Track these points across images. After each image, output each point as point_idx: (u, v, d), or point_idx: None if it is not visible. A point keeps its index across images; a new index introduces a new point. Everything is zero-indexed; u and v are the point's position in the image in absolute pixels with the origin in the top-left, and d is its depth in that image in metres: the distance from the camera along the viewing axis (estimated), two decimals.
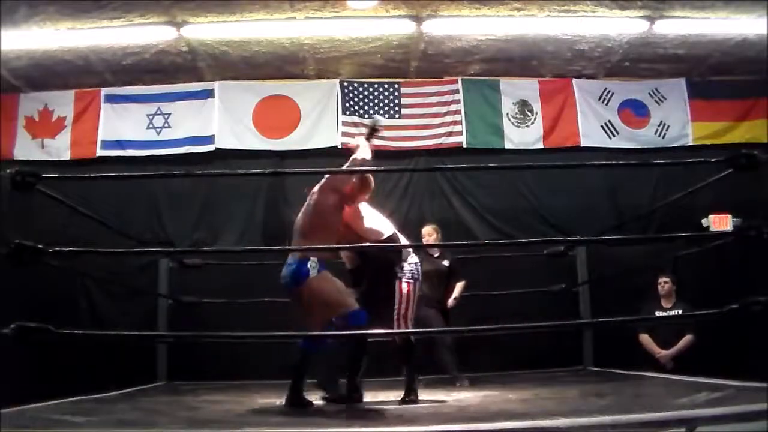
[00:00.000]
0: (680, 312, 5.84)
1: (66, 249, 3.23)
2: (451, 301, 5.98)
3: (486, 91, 7.42)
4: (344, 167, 4.16)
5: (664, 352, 5.76)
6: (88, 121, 7.18)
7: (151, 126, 7.21)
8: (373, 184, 4.26)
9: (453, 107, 7.36)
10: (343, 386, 4.14)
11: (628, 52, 6.89)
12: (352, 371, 4.09)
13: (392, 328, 4.11)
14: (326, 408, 3.91)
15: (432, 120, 7.35)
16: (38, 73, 6.85)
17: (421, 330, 5.14)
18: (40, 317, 2.74)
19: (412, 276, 4.21)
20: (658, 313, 5.85)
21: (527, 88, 7.45)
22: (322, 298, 3.86)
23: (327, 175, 4.11)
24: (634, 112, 7.45)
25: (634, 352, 5.93)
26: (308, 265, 3.85)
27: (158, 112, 7.23)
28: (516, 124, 7.39)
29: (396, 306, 4.15)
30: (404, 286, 4.18)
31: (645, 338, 5.89)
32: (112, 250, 5.07)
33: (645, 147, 7.32)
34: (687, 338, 5.72)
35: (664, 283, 5.94)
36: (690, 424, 2.40)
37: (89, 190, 6.42)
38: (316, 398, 4.07)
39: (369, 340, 4.31)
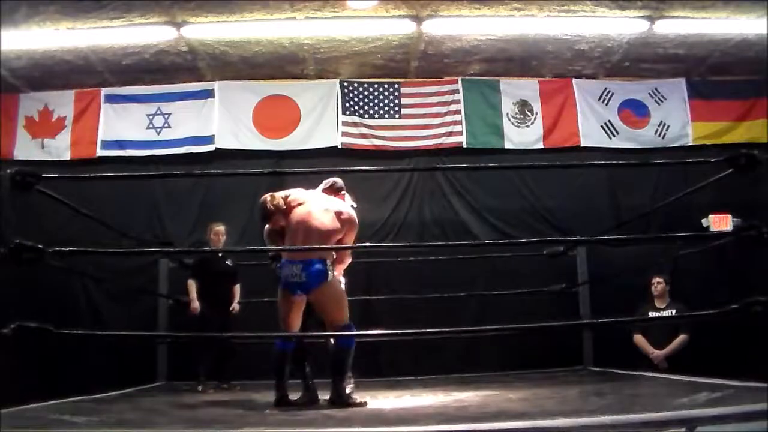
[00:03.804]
0: (674, 312, 5.85)
1: (66, 249, 3.22)
2: (235, 305, 5.93)
3: (486, 91, 7.42)
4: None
5: (657, 352, 5.76)
6: (88, 121, 7.18)
7: (151, 126, 7.21)
8: None
9: (453, 107, 7.36)
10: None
11: (628, 52, 6.89)
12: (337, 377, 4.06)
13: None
14: (326, 408, 3.90)
15: (432, 120, 7.35)
16: (38, 73, 6.85)
17: (419, 331, 5.13)
18: (40, 317, 2.74)
19: None
20: (651, 314, 5.86)
21: (527, 88, 7.46)
22: (336, 300, 4.01)
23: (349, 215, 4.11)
24: (634, 112, 7.45)
25: (633, 352, 5.93)
26: (328, 267, 3.95)
27: (158, 112, 7.23)
28: (516, 124, 7.39)
29: None
30: None
31: (639, 338, 5.90)
32: (112, 250, 5.08)
33: (645, 147, 7.32)
34: (681, 338, 5.72)
35: (657, 284, 5.95)
36: (690, 424, 2.40)
37: (89, 190, 6.42)
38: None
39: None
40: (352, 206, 4.29)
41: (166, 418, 3.57)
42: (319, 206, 4.10)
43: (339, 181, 4.36)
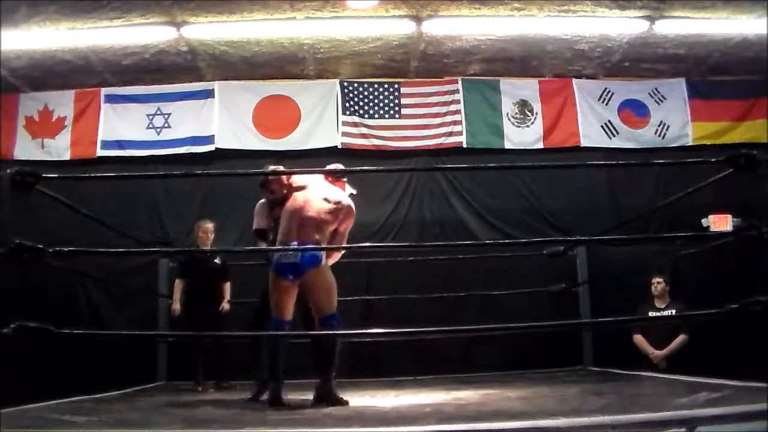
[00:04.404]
0: (674, 312, 5.86)
1: (66, 249, 3.22)
2: (225, 305, 5.89)
3: (486, 91, 7.42)
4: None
5: (657, 352, 5.77)
6: (88, 121, 7.18)
7: (151, 126, 7.21)
8: None
9: (453, 107, 7.36)
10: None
11: (628, 52, 6.89)
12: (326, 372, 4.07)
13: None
14: (326, 408, 3.91)
15: (432, 120, 7.35)
16: (38, 73, 6.85)
17: (419, 330, 5.12)
18: (41, 317, 2.74)
19: None
20: (651, 314, 5.88)
21: (527, 88, 7.46)
22: (327, 287, 4.03)
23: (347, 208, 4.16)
24: (634, 112, 7.45)
25: (633, 352, 5.94)
26: (322, 253, 3.99)
27: (158, 112, 7.23)
28: (516, 124, 7.39)
29: None
30: None
31: (639, 338, 5.91)
32: (112, 250, 5.08)
33: (645, 147, 7.32)
34: (680, 338, 5.73)
35: (657, 284, 5.96)
36: (690, 424, 2.40)
37: (89, 190, 6.42)
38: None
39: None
40: (351, 194, 4.31)
41: (166, 418, 3.57)
42: (318, 194, 4.14)
43: (340, 165, 4.43)
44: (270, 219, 4.45)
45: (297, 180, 4.25)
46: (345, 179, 4.36)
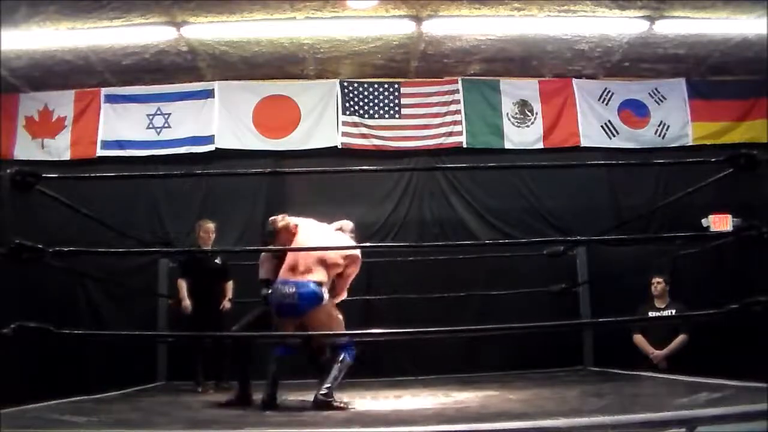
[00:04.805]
0: (674, 312, 5.86)
1: (66, 249, 3.22)
2: (226, 303, 5.89)
3: (486, 91, 7.42)
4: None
5: (657, 352, 5.77)
6: (88, 121, 7.18)
7: (151, 126, 7.21)
8: None
9: (453, 107, 7.36)
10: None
11: (628, 52, 6.89)
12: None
13: None
14: (327, 408, 3.91)
15: (432, 120, 7.35)
16: (38, 73, 6.85)
17: (419, 330, 5.13)
18: (41, 317, 2.74)
19: None
20: (651, 314, 5.88)
21: (527, 88, 7.46)
22: (329, 325, 3.99)
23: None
24: (634, 112, 7.45)
25: (633, 352, 5.94)
26: (323, 290, 3.96)
27: (158, 112, 7.23)
28: (516, 124, 7.39)
29: None
30: None
31: (639, 338, 5.91)
32: (112, 250, 5.08)
33: (645, 147, 7.32)
34: (680, 338, 5.73)
35: (657, 284, 5.96)
36: (690, 424, 2.40)
37: (89, 190, 6.42)
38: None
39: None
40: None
41: (166, 418, 3.57)
42: (326, 238, 4.18)
43: (350, 224, 4.47)
44: (276, 270, 4.43)
45: (305, 227, 4.26)
46: (353, 235, 4.41)
